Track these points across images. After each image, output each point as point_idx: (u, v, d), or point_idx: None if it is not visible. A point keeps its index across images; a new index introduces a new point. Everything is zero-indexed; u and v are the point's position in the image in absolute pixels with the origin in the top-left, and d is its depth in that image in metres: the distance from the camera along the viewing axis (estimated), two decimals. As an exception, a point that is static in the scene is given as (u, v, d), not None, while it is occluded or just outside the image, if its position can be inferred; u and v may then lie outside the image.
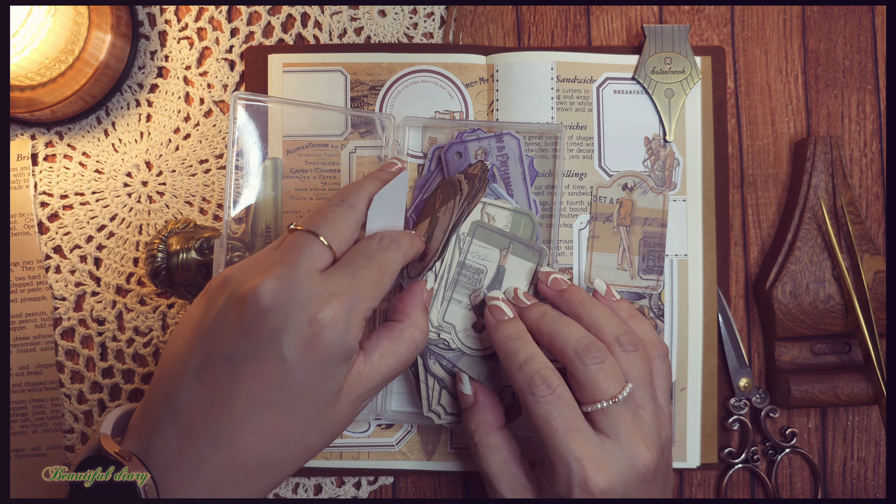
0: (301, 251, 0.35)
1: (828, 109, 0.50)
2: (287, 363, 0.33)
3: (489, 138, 0.45)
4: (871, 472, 0.49)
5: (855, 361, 0.48)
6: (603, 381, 0.37)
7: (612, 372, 0.37)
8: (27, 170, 0.49)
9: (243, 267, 0.36)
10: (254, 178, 0.45)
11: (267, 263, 0.35)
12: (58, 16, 0.42)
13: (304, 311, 0.33)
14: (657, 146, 0.47)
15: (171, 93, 0.49)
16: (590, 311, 0.40)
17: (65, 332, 0.49)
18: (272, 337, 0.33)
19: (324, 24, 0.49)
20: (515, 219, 0.44)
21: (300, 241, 0.36)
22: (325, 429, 0.35)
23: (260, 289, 0.33)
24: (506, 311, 0.40)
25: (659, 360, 0.41)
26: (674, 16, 0.50)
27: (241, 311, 0.34)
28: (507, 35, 0.50)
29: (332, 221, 0.36)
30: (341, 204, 0.37)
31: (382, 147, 0.47)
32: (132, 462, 0.33)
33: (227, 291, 0.35)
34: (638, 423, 0.37)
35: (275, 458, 0.34)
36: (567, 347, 0.38)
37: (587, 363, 0.37)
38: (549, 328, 0.39)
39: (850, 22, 0.50)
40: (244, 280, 0.34)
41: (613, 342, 0.39)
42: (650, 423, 0.38)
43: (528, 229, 0.44)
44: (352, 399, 0.36)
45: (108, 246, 0.49)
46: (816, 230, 0.47)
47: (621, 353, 0.38)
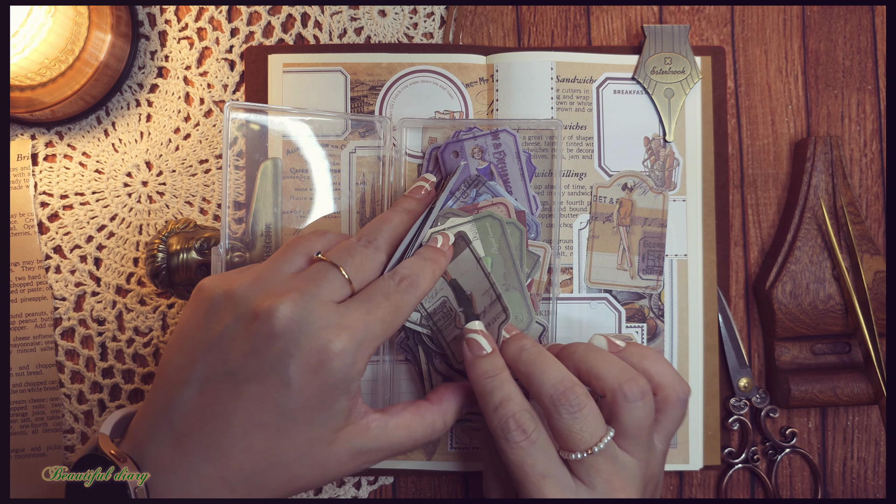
0: (321, 282, 0.35)
1: (828, 109, 0.50)
2: (290, 389, 0.33)
3: (485, 136, 0.45)
4: (871, 472, 0.49)
5: (855, 361, 0.48)
6: (579, 431, 0.35)
7: (590, 420, 0.35)
8: (27, 170, 0.49)
9: (252, 283, 0.36)
10: (253, 178, 0.45)
11: (284, 286, 0.35)
12: (58, 16, 0.42)
13: (316, 340, 0.33)
14: (657, 146, 0.47)
15: (171, 93, 0.49)
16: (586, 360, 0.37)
17: (65, 332, 0.49)
18: (279, 361, 0.33)
19: (324, 24, 0.49)
20: (481, 228, 0.42)
21: (322, 271, 0.36)
22: (315, 464, 0.34)
23: (275, 312, 0.33)
24: (483, 345, 0.38)
25: (676, 404, 0.38)
26: (674, 16, 0.50)
27: (251, 330, 0.34)
28: (507, 35, 0.50)
29: (359, 261, 0.37)
30: (368, 245, 0.38)
31: (381, 148, 0.47)
32: (126, 463, 0.34)
33: (237, 309, 0.35)
34: (618, 471, 0.35)
35: (261, 479, 0.34)
36: (542, 393, 0.35)
37: (562, 412, 0.35)
38: (526, 368, 0.37)
39: (850, 22, 0.50)
40: (257, 297, 0.35)
41: (617, 390, 0.36)
42: (633, 469, 0.36)
43: (497, 228, 0.42)
44: (351, 448, 0.35)
45: (108, 246, 0.49)
46: (816, 230, 0.47)
47: (623, 404, 0.35)
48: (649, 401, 0.36)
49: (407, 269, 0.38)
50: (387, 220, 0.40)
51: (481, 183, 0.44)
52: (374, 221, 0.40)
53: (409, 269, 0.38)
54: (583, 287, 0.47)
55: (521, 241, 0.43)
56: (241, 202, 0.45)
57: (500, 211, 0.44)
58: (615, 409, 0.36)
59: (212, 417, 0.34)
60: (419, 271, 0.38)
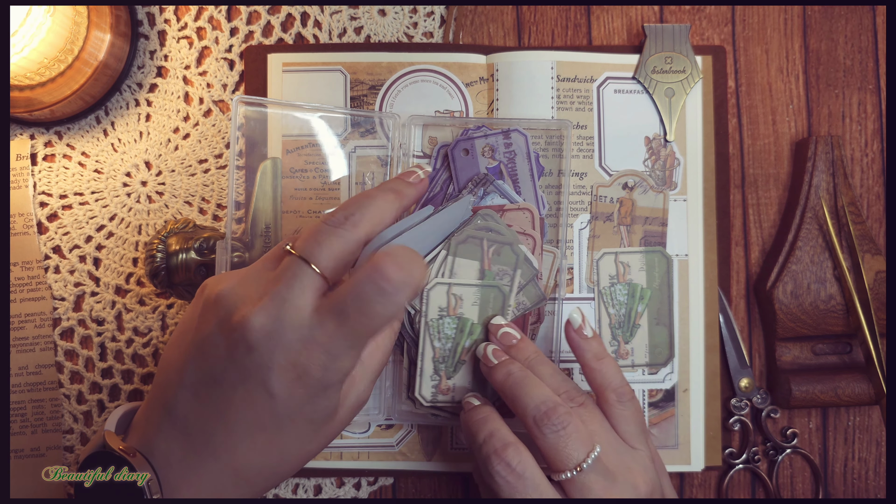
0: (292, 283, 0.33)
1: (829, 109, 0.50)
2: (276, 399, 0.33)
3: (496, 135, 0.45)
4: (871, 472, 0.49)
5: (856, 362, 0.48)
6: (564, 449, 0.35)
7: (575, 438, 0.35)
8: (26, 170, 0.48)
9: (237, 285, 0.35)
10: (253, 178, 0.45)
11: (261, 288, 0.34)
12: (57, 15, 0.42)
13: (288, 355, 0.32)
14: (658, 146, 0.47)
15: (171, 92, 0.49)
16: (538, 371, 0.38)
17: (64, 333, 0.49)
18: (259, 372, 0.33)
19: (323, 24, 0.49)
20: (484, 294, 0.41)
21: (291, 269, 0.33)
22: (323, 436, 0.35)
23: (247, 324, 0.32)
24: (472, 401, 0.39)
25: (618, 406, 0.38)
26: (674, 15, 0.49)
27: (230, 341, 0.33)
28: (508, 34, 0.49)
29: (328, 246, 0.33)
30: (340, 225, 0.34)
31: (388, 148, 0.46)
32: (136, 458, 0.33)
33: (220, 314, 0.34)
34: (610, 485, 0.35)
35: (274, 466, 0.34)
36: (526, 415, 0.36)
37: (545, 433, 0.35)
38: (512, 392, 0.37)
39: (850, 21, 0.50)
40: (236, 305, 0.33)
41: (564, 399, 0.37)
42: (623, 479, 0.36)
43: (499, 301, 0.41)
44: (349, 406, 0.36)
45: (108, 246, 0.49)
46: (817, 230, 0.47)
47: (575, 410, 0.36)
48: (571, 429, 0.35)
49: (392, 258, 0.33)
50: (369, 196, 0.36)
51: (489, 182, 0.44)
52: (353, 197, 0.36)
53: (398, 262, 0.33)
54: (583, 287, 0.47)
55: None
56: (241, 202, 0.45)
57: (528, 244, 0.43)
58: (538, 444, 0.36)
59: (211, 418, 0.34)
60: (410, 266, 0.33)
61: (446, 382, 0.42)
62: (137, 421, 0.36)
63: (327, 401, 0.34)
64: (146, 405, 0.36)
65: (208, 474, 0.34)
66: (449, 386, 0.42)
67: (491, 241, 0.41)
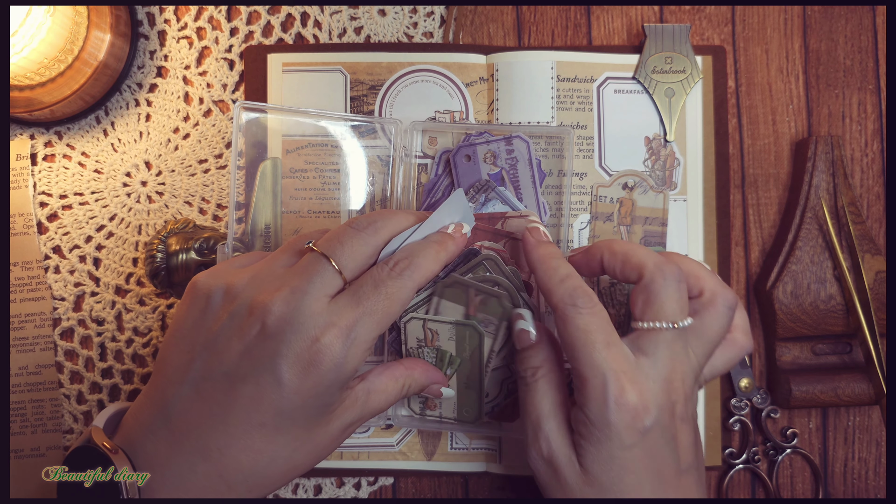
0: (312, 277, 0.34)
1: (829, 109, 0.50)
2: (284, 389, 0.33)
3: (498, 141, 0.45)
4: (871, 472, 0.49)
5: (856, 362, 0.48)
6: (671, 303, 0.35)
7: (681, 297, 0.36)
8: (26, 170, 0.48)
9: (251, 280, 0.36)
10: (253, 178, 0.45)
11: (278, 282, 0.35)
12: (57, 15, 0.42)
13: (305, 342, 0.33)
14: (658, 146, 0.47)
15: (171, 92, 0.49)
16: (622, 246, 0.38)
17: (64, 333, 0.49)
18: (271, 361, 0.33)
19: (323, 24, 0.49)
20: (460, 332, 0.40)
21: (312, 265, 0.35)
22: (312, 450, 0.35)
23: (267, 311, 0.33)
24: (545, 234, 0.39)
25: (720, 310, 0.38)
26: (674, 15, 0.49)
27: (244, 330, 0.34)
28: (508, 34, 0.49)
29: (349, 247, 0.36)
30: (363, 230, 0.36)
31: (390, 151, 0.46)
32: (118, 455, 0.34)
33: (233, 307, 0.35)
34: (682, 356, 0.35)
35: (261, 474, 0.34)
36: (647, 261, 0.36)
37: (668, 279, 0.35)
38: (623, 248, 0.37)
39: (850, 21, 0.50)
40: (252, 297, 0.34)
41: (655, 269, 0.36)
42: (693, 360, 0.36)
43: (475, 340, 0.40)
44: (342, 424, 0.36)
45: (108, 246, 0.49)
46: (817, 230, 0.47)
47: (660, 281, 0.36)
48: (684, 288, 0.36)
49: (404, 252, 0.36)
50: (393, 214, 0.38)
51: (491, 188, 0.44)
52: (377, 211, 0.38)
53: (407, 252, 0.36)
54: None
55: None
56: (241, 202, 0.45)
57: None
58: (651, 289, 0.35)
59: (209, 417, 0.34)
60: (419, 252, 0.36)
61: (433, 401, 0.44)
62: (126, 421, 0.36)
63: (329, 398, 0.34)
64: (137, 404, 0.36)
65: (193, 479, 0.34)
66: (436, 403, 0.44)
67: (479, 290, 0.40)
